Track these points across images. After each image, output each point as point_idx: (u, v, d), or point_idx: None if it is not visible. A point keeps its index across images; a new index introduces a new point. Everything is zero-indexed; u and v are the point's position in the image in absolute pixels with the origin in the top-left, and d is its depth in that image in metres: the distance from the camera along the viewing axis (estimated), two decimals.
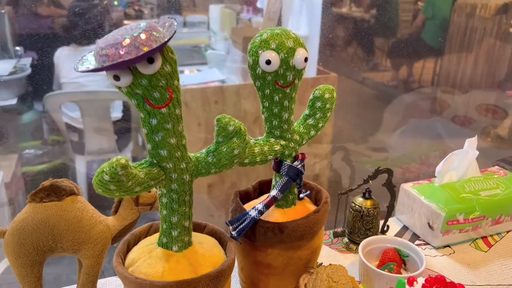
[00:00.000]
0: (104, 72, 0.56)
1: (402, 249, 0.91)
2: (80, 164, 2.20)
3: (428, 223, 1.02)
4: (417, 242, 1.04)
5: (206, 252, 0.71)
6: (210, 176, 0.69)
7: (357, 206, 0.98)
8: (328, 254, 1.00)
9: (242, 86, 2.19)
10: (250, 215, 0.78)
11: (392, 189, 1.00)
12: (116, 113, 2.35)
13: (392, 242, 0.93)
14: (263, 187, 0.90)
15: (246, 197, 0.88)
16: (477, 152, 1.05)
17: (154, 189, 0.80)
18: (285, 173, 0.80)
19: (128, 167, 0.58)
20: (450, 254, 1.00)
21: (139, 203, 0.83)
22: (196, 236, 0.75)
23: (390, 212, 1.02)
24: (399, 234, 1.07)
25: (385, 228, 1.04)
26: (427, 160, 1.38)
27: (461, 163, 1.05)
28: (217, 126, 0.66)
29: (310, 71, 2.25)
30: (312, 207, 0.84)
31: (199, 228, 0.80)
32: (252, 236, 0.79)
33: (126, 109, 2.39)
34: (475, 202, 1.00)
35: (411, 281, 0.69)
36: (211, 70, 2.72)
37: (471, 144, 1.05)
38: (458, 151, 1.05)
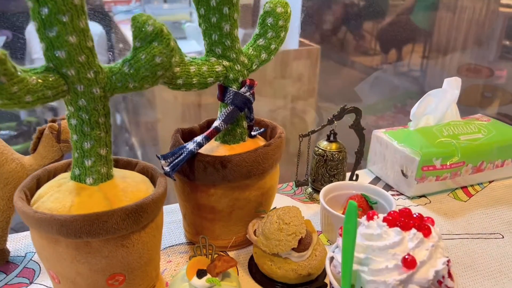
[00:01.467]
0: None
1: (369, 195, 0.81)
2: None
3: (402, 171, 0.91)
4: (390, 193, 0.93)
5: (129, 187, 0.60)
6: (129, 93, 0.57)
7: (320, 150, 0.87)
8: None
9: None
10: (188, 148, 0.66)
11: (361, 132, 0.88)
12: None
13: (358, 188, 0.82)
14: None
15: (191, 136, 0.76)
16: (457, 93, 0.94)
17: None
18: (230, 101, 0.68)
19: (7, 63, 0.45)
20: (425, 204, 0.89)
21: (60, 139, 0.71)
22: (120, 171, 0.63)
23: (359, 159, 0.91)
24: None
25: (354, 178, 0.93)
26: (403, 109, 1.27)
27: (439, 105, 0.94)
28: (133, 26, 0.53)
29: (292, 43, 2.13)
30: None
31: (130, 165, 0.68)
32: (191, 173, 0.67)
33: None
34: (454, 146, 0.90)
35: (370, 216, 0.58)
36: (189, 42, 2.60)
37: (450, 84, 0.94)
38: (435, 91, 0.93)
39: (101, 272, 0.57)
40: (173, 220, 0.82)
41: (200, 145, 0.66)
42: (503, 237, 0.79)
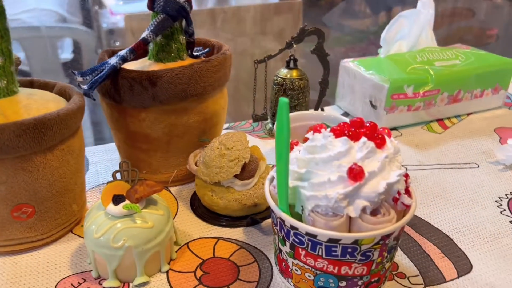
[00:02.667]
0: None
1: (332, 125, 0.72)
2: None
3: (371, 102, 0.82)
4: None
5: (35, 105, 0.50)
6: None
7: (279, 78, 0.78)
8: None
9: (196, 11, 1.94)
10: (109, 63, 0.57)
11: (324, 58, 0.79)
12: (66, 54, 2.08)
13: (319, 118, 0.73)
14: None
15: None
16: (432, 13, 0.84)
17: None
18: (161, 9, 0.58)
19: None
20: (395, 137, 0.81)
21: None
22: (30, 90, 0.54)
23: (324, 90, 0.82)
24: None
25: (319, 111, 0.84)
26: (376, 40, 1.17)
27: (412, 28, 0.84)
28: None
29: None
30: None
31: (47, 87, 0.59)
32: (117, 94, 0.58)
33: (77, 48, 2.12)
34: (428, 73, 0.81)
35: (317, 129, 0.49)
36: None
37: (424, 4, 0.84)
38: (408, 12, 0.84)
39: (2, 202, 0.49)
40: (112, 157, 0.74)
41: (124, 59, 0.57)
42: (478, 167, 0.71)
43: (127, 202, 0.47)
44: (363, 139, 0.44)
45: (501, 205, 0.62)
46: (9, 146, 0.45)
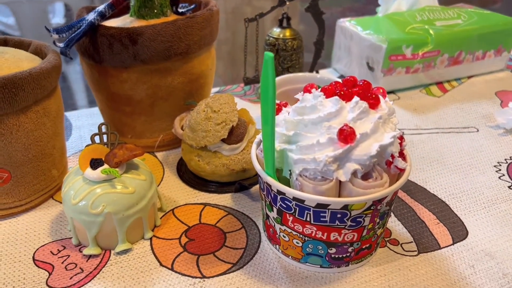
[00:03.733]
0: None
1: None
2: None
3: (368, 63, 0.78)
4: None
5: (6, 64, 0.47)
6: None
7: (272, 38, 0.74)
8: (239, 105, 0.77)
9: None
10: (87, 19, 0.53)
11: (319, 17, 0.75)
12: (57, 19, 2.01)
13: (313, 79, 0.70)
14: None
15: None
16: None
17: None
18: None
19: None
20: (393, 100, 0.78)
21: None
22: (2, 49, 0.51)
23: (319, 51, 0.78)
24: None
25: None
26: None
27: None
28: None
29: None
30: None
31: (22, 45, 0.55)
32: (96, 53, 0.55)
33: (68, 11, 2.05)
34: (428, 33, 0.77)
35: (308, 89, 0.46)
36: None
37: None
38: None
39: None
40: (97, 122, 0.71)
41: (102, 14, 0.53)
42: (477, 131, 0.68)
43: (106, 166, 0.45)
44: (356, 98, 0.41)
45: (500, 170, 0.60)
46: None
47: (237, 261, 0.46)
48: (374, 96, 0.42)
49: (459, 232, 0.49)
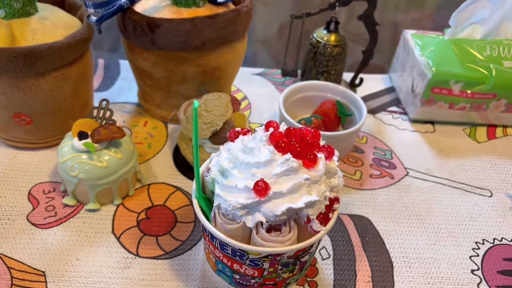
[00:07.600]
0: None
1: (345, 103, 0.68)
2: None
3: (412, 86, 0.74)
4: (393, 108, 0.78)
5: (42, 30, 0.56)
6: None
7: (314, 40, 0.73)
8: (271, 94, 0.79)
9: None
10: (120, 1, 0.59)
11: (372, 27, 0.71)
12: None
13: (335, 91, 0.69)
14: None
15: None
16: None
17: None
18: None
19: None
20: (425, 132, 0.73)
21: None
22: (48, 12, 0.59)
23: (366, 60, 0.75)
24: (375, 96, 0.81)
25: (357, 82, 0.79)
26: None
27: (494, 13, 0.70)
28: None
29: None
30: None
31: (74, 9, 0.64)
32: (125, 31, 0.61)
33: None
34: (489, 71, 0.69)
35: (269, 125, 0.48)
36: None
37: None
38: None
39: (4, 108, 0.58)
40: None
41: (132, 0, 0.58)
42: (491, 196, 0.63)
43: (89, 140, 0.53)
44: (288, 155, 0.42)
45: (477, 255, 0.55)
46: (2, 68, 0.52)
47: (170, 251, 0.53)
48: (311, 156, 0.43)
49: None
